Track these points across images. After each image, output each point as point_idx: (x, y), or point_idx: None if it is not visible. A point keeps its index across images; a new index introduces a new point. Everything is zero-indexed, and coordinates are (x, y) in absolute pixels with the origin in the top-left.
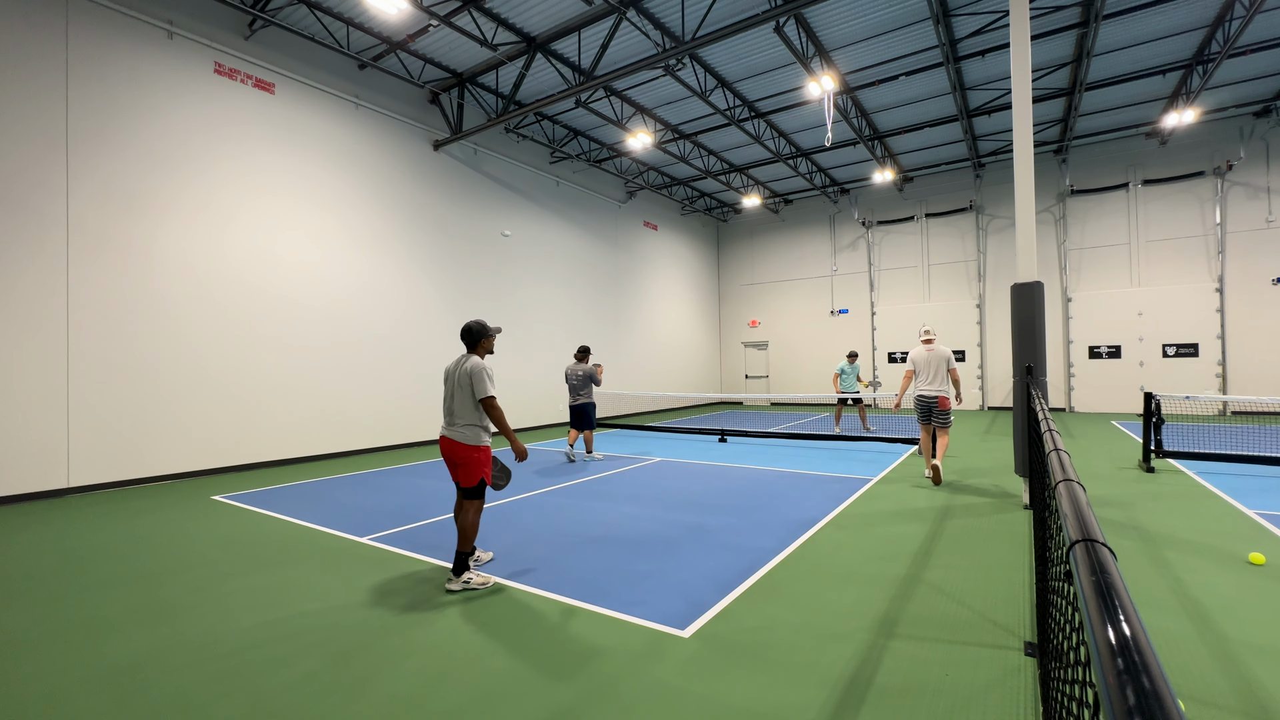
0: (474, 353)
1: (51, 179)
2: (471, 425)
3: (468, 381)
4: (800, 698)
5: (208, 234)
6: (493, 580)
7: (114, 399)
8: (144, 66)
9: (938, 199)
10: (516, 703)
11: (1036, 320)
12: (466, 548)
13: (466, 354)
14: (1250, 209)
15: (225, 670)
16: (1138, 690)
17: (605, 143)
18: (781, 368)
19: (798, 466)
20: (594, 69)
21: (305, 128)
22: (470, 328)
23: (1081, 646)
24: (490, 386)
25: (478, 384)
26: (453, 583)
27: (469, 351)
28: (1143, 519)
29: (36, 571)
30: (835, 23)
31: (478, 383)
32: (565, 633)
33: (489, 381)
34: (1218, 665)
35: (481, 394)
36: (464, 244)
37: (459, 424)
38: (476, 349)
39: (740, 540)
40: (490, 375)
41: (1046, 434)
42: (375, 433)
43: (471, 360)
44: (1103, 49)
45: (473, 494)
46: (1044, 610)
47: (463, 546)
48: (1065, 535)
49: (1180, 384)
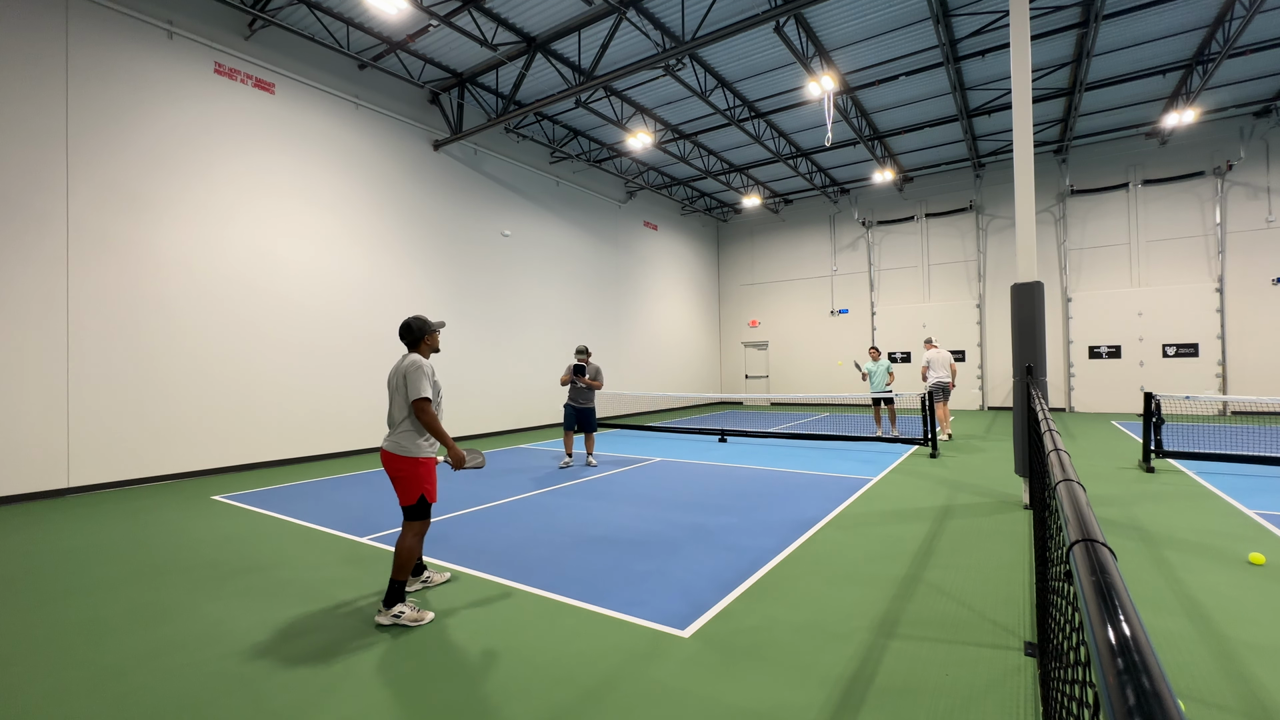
0: (415, 351)
1: (51, 179)
2: (409, 433)
3: (402, 382)
4: (800, 698)
5: (208, 234)
6: (429, 617)
7: (114, 399)
8: (144, 66)
9: (938, 199)
10: (516, 702)
11: (1036, 320)
12: (401, 576)
13: (406, 354)
14: (1250, 209)
15: (225, 670)
16: (1138, 690)
17: (605, 143)
18: (781, 368)
19: (798, 466)
20: (594, 69)
21: (305, 128)
22: (409, 325)
23: (1081, 646)
24: (425, 387)
25: (411, 383)
26: (382, 615)
27: (409, 351)
28: (1143, 519)
29: (36, 571)
30: (835, 23)
31: (411, 382)
32: (565, 633)
33: (425, 381)
34: (1218, 665)
35: (413, 394)
36: (464, 244)
37: (396, 432)
38: (418, 347)
39: (740, 540)
40: (429, 374)
41: (1046, 434)
42: (375, 432)
43: (409, 358)
44: (1103, 49)
45: (413, 513)
46: (1044, 610)
47: (397, 575)
48: (1065, 535)
49: (1180, 384)
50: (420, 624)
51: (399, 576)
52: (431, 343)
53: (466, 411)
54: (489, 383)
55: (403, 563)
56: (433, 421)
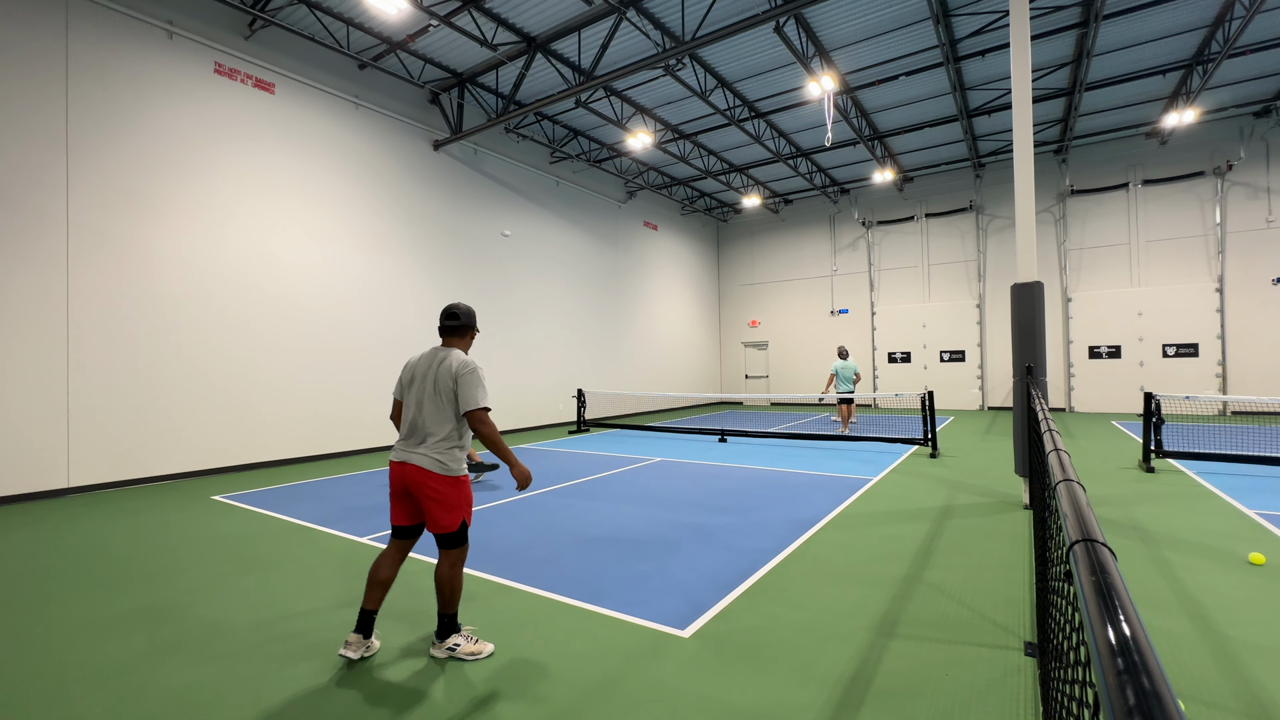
0: (458, 345)
1: (51, 179)
2: (450, 447)
3: (450, 385)
4: (800, 698)
5: (208, 233)
6: (488, 650)
7: (114, 399)
8: (144, 66)
9: (938, 199)
10: (516, 702)
11: (1036, 320)
12: (452, 608)
13: (444, 347)
14: (1250, 209)
15: (225, 670)
16: (1138, 690)
17: (605, 143)
18: (781, 368)
19: (798, 466)
20: (594, 69)
21: (305, 128)
22: (459, 310)
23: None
24: (485, 394)
25: (468, 389)
26: (436, 648)
27: (449, 342)
28: (1143, 519)
29: (36, 571)
30: (835, 23)
31: (468, 387)
32: (565, 633)
33: (484, 386)
34: (1218, 665)
35: (474, 404)
36: (464, 244)
37: (431, 444)
38: (465, 339)
39: (740, 540)
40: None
41: (1046, 434)
42: (375, 432)
43: (456, 356)
44: (1103, 49)
45: (454, 540)
46: (1044, 610)
47: (446, 609)
48: (1065, 535)
49: (1180, 384)
50: (479, 658)
51: (449, 610)
52: (472, 340)
53: None
54: (488, 382)
55: (449, 594)
56: (496, 435)
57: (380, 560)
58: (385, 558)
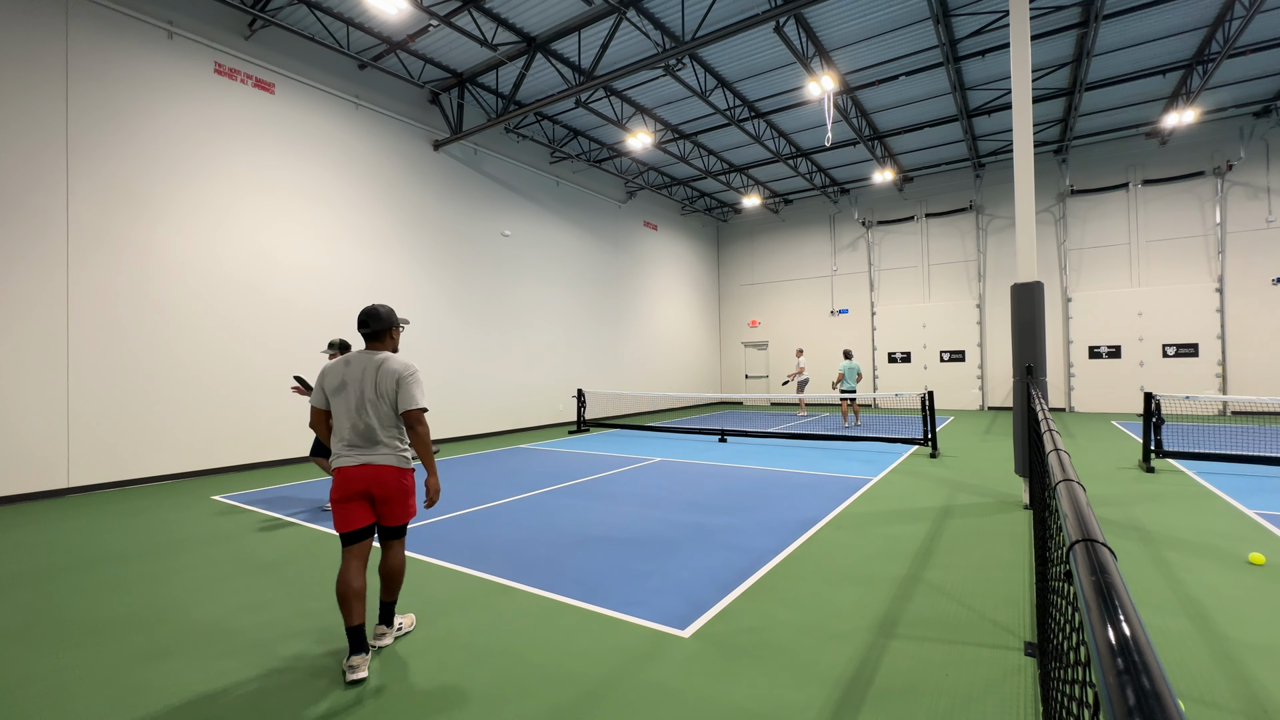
0: (382, 347)
1: (51, 179)
2: (402, 441)
3: (392, 387)
4: (800, 698)
5: (207, 233)
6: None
7: (114, 399)
8: (144, 66)
9: (938, 199)
10: (516, 702)
11: (1036, 320)
12: (397, 594)
13: (369, 350)
14: (1250, 209)
15: (225, 671)
16: (1138, 690)
17: (605, 143)
18: (782, 368)
19: (798, 466)
20: (594, 69)
21: (305, 128)
22: (378, 311)
23: (1081, 646)
24: (424, 396)
25: (408, 390)
26: (387, 635)
27: (373, 345)
28: (1143, 519)
29: (36, 572)
30: (835, 23)
31: (409, 388)
32: (565, 632)
33: (423, 389)
34: (1218, 665)
35: (414, 404)
36: (464, 244)
37: (387, 441)
38: (386, 341)
39: (740, 540)
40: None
41: (1046, 434)
42: None
43: (394, 359)
44: (1103, 49)
45: (403, 531)
46: (1044, 610)
47: (394, 595)
48: (1065, 535)
49: (1180, 384)
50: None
51: (395, 597)
52: (397, 338)
53: (466, 411)
54: (488, 382)
55: (400, 580)
56: (429, 438)
57: (347, 574)
58: (351, 570)
